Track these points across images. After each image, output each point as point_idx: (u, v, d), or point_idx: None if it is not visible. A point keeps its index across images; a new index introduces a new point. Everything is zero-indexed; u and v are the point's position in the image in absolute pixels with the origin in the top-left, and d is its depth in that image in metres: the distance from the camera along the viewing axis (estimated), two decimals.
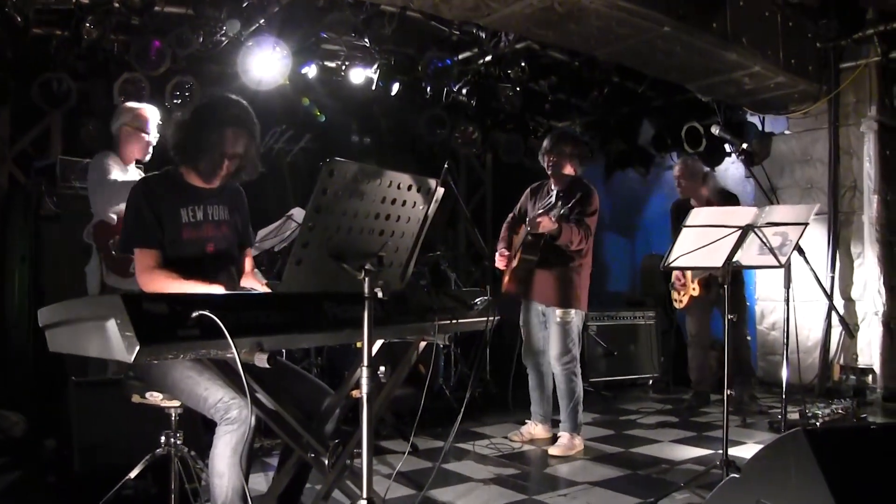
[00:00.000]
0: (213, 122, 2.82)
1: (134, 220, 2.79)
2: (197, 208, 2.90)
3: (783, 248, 3.69)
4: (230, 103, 2.89)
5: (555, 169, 4.92)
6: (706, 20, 5.70)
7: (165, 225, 2.81)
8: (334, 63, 6.64)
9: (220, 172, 2.88)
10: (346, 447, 2.53)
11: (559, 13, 5.11)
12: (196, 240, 2.88)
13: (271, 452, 4.41)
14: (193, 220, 2.88)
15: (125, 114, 4.39)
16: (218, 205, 2.98)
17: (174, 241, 2.82)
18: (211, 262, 2.91)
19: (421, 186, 2.35)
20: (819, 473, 1.92)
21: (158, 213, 2.79)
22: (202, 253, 2.89)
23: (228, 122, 2.83)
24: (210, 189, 2.96)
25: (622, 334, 7.24)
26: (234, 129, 2.83)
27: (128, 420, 3.52)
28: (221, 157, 2.84)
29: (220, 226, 2.97)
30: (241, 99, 2.92)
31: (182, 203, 2.86)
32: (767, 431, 5.22)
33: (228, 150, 2.84)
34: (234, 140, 2.83)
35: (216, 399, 2.52)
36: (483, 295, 2.98)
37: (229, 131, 2.82)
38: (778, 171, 7.26)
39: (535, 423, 5.12)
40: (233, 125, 2.83)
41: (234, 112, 2.86)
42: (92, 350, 1.96)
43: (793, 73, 6.51)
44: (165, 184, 2.90)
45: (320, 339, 2.60)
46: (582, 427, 4.91)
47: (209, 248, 2.92)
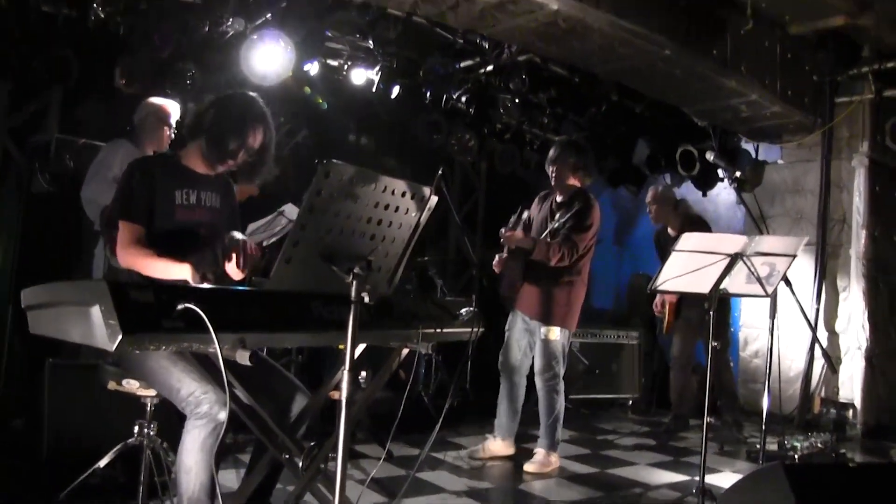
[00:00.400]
0: (243, 112, 2.92)
1: (123, 193, 2.81)
2: (191, 192, 2.92)
3: (770, 278, 3.71)
4: (256, 101, 2.98)
5: (557, 179, 4.82)
6: (707, 46, 5.74)
7: (158, 204, 2.81)
8: (337, 62, 6.62)
9: (229, 162, 2.93)
10: (322, 450, 2.52)
11: (563, 29, 5.13)
12: (188, 222, 2.89)
13: (245, 448, 4.37)
14: (187, 203, 2.90)
15: (150, 106, 4.49)
16: (211, 191, 3.00)
17: (167, 222, 2.83)
18: (199, 244, 2.92)
19: (415, 194, 2.35)
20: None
21: (151, 192, 2.80)
22: (193, 235, 2.90)
23: (257, 116, 2.93)
24: (205, 175, 2.98)
25: (605, 352, 7.24)
26: (260, 124, 2.93)
27: (102, 407, 3.51)
28: (240, 148, 2.89)
29: (212, 212, 2.99)
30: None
31: (177, 185, 2.88)
32: (745, 461, 5.22)
33: (249, 143, 2.90)
34: (257, 135, 2.92)
35: (188, 392, 2.51)
36: (469, 305, 2.97)
37: (256, 124, 2.92)
38: (769, 199, 7.31)
39: (496, 438, 4.96)
40: (260, 121, 2.93)
41: (260, 109, 2.95)
42: (74, 335, 1.94)
43: (789, 104, 6.56)
44: (162, 165, 2.93)
45: (304, 340, 2.59)
46: (559, 445, 4.86)
47: (200, 230, 2.93)
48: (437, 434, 3.42)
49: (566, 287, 4.74)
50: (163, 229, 2.81)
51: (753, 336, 7.18)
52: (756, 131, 7.16)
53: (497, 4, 4.86)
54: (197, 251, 2.87)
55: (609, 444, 5.64)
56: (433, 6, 4.90)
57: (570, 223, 4.68)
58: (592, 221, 4.72)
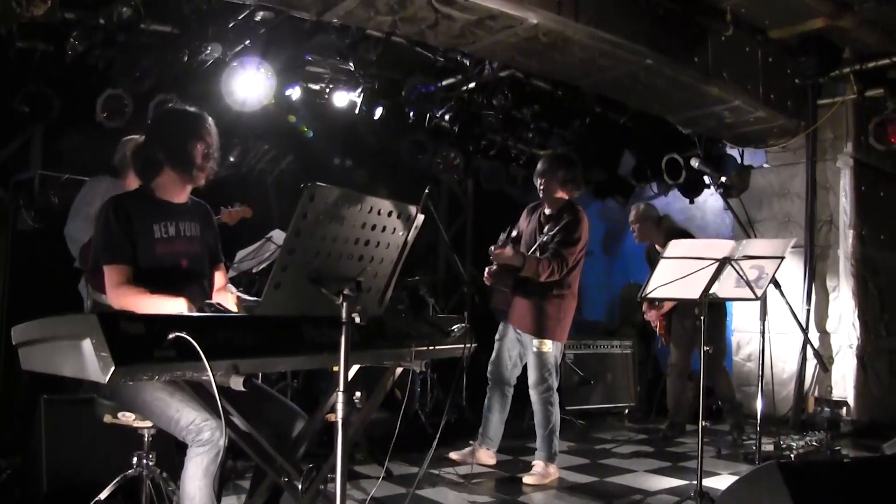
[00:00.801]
0: (186, 120, 2.95)
1: (103, 236, 2.78)
2: (169, 224, 2.90)
3: (759, 281, 3.74)
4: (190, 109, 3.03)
5: (545, 193, 4.83)
6: (688, 55, 5.81)
7: (138, 241, 2.79)
8: (318, 85, 6.65)
9: (206, 166, 2.93)
10: (320, 472, 2.52)
11: (543, 43, 5.18)
12: (169, 255, 2.88)
13: (244, 475, 4.36)
14: (166, 236, 2.88)
15: (126, 144, 4.47)
16: (189, 221, 2.99)
17: (148, 257, 2.81)
18: (184, 276, 2.91)
19: (401, 213, 2.36)
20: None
21: (129, 230, 2.78)
22: (176, 268, 2.89)
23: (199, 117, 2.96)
24: (181, 205, 2.98)
25: (599, 363, 7.24)
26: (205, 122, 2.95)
27: (99, 440, 3.49)
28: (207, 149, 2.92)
29: (192, 241, 2.97)
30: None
31: (154, 219, 2.86)
32: (742, 463, 5.25)
33: (210, 142, 2.93)
34: (209, 134, 2.94)
35: (188, 421, 2.51)
36: (461, 322, 2.98)
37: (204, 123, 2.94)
38: (756, 203, 7.36)
39: (479, 446, 4.97)
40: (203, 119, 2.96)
41: (199, 112, 2.99)
42: (66, 370, 1.93)
43: (772, 108, 6.63)
44: (136, 201, 2.91)
45: (297, 363, 2.58)
46: (557, 456, 4.86)
47: (182, 262, 2.91)
48: (435, 451, 3.43)
49: (557, 300, 4.77)
50: (145, 265, 2.79)
51: (746, 340, 7.21)
52: (741, 137, 7.22)
53: (476, 21, 4.91)
54: (182, 282, 2.86)
55: (607, 453, 5.64)
56: (412, 25, 4.95)
57: (559, 237, 4.69)
58: (581, 234, 4.74)
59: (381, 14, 4.78)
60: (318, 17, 4.85)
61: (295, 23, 5.44)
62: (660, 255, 5.34)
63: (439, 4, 4.65)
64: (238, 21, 5.36)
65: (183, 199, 3.00)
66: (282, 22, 5.41)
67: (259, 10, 5.21)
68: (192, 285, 2.93)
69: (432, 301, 6.53)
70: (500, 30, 5.02)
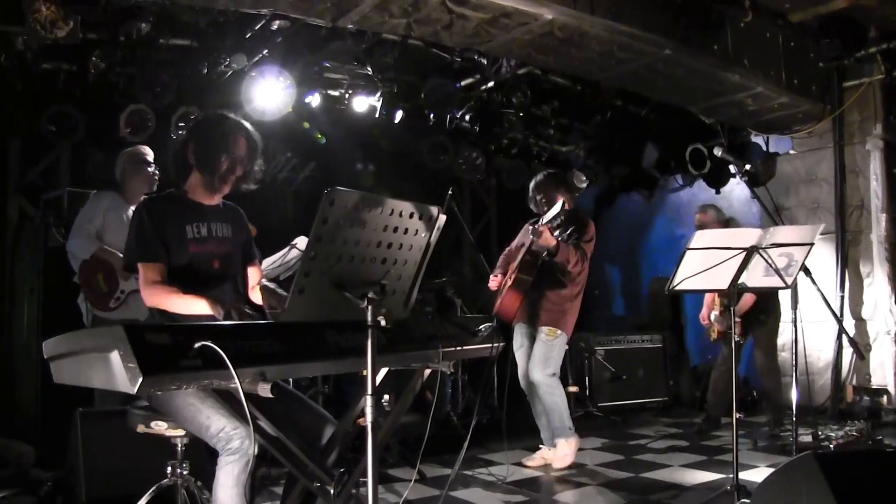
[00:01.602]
0: (220, 129, 2.97)
1: (136, 236, 2.85)
2: (201, 225, 2.95)
3: (789, 269, 3.68)
4: (228, 115, 3.06)
5: (548, 203, 4.90)
6: (707, 42, 5.73)
7: (171, 241, 2.85)
8: (337, 91, 6.68)
9: (230, 178, 2.97)
10: (352, 476, 2.52)
11: (559, 38, 5.15)
12: (202, 255, 2.92)
13: (278, 481, 4.38)
14: (198, 236, 2.92)
15: (122, 156, 4.69)
16: (221, 222, 3.03)
17: (181, 257, 2.86)
18: (216, 276, 2.95)
19: (423, 214, 2.35)
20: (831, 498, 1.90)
21: (162, 231, 2.84)
22: (208, 267, 2.93)
23: (234, 127, 2.98)
24: (213, 206, 3.03)
25: (630, 358, 7.20)
26: (240, 132, 2.98)
27: (134, 450, 3.52)
28: (234, 161, 2.94)
29: (225, 242, 3.01)
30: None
31: (187, 220, 2.91)
32: (780, 454, 5.16)
33: (239, 154, 2.95)
34: (242, 143, 2.97)
35: (218, 428, 2.53)
36: (488, 321, 2.97)
37: (237, 134, 2.96)
38: (783, 191, 7.26)
39: (546, 448, 5.09)
40: (239, 129, 2.98)
41: (235, 120, 3.02)
42: (96, 381, 1.96)
43: (796, 93, 6.53)
44: (169, 202, 2.96)
45: (323, 368, 2.60)
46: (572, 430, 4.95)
47: (215, 263, 2.96)
48: (467, 452, 3.42)
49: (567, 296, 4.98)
50: (179, 265, 2.85)
51: (780, 329, 7.09)
52: (764, 124, 7.12)
53: (490, 20, 4.89)
54: (214, 282, 2.91)
55: (642, 449, 5.59)
56: (427, 27, 4.94)
57: (577, 235, 4.85)
58: (592, 235, 4.95)
59: (395, 17, 4.78)
60: (333, 24, 4.87)
61: (311, 30, 5.47)
62: None
63: (453, 4, 4.64)
64: (255, 31, 5.39)
65: (215, 202, 3.05)
66: (298, 30, 5.44)
67: (275, 19, 5.24)
68: (224, 284, 2.97)
69: (459, 302, 6.51)
70: (515, 27, 4.99)
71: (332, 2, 4.56)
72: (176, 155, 3.01)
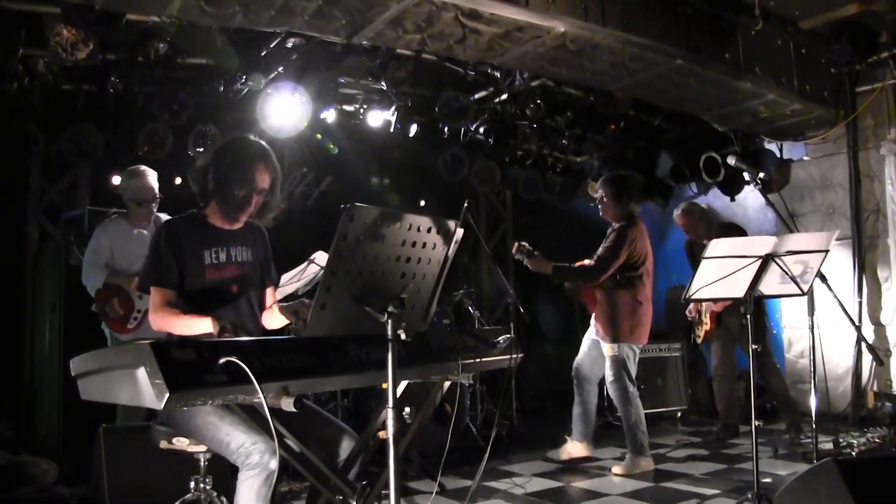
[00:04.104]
0: (240, 159, 2.95)
1: (152, 260, 2.89)
2: (220, 250, 2.97)
3: (805, 276, 3.68)
4: (252, 142, 3.03)
5: (603, 214, 5.32)
6: (718, 51, 5.75)
7: (188, 266, 2.87)
8: (352, 107, 6.74)
9: (247, 209, 2.97)
10: (374, 489, 2.54)
11: (571, 51, 5.18)
12: (220, 280, 2.94)
13: (300, 495, 4.41)
14: (217, 262, 2.95)
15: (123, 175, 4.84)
16: (241, 246, 3.05)
17: (197, 282, 2.89)
18: (233, 300, 2.98)
19: (440, 228, 2.38)
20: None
21: (180, 255, 2.86)
22: (225, 292, 2.96)
23: (256, 158, 2.95)
24: (233, 230, 3.04)
25: (648, 367, 7.16)
26: (261, 163, 2.95)
27: (158, 465, 3.56)
28: (251, 193, 2.94)
29: (244, 266, 3.03)
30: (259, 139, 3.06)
31: (205, 245, 2.94)
32: (801, 462, 5.13)
33: (258, 185, 2.94)
34: (262, 175, 2.95)
35: (238, 444, 2.56)
36: (506, 333, 2.99)
37: (257, 166, 2.94)
38: (798, 197, 7.24)
39: (572, 440, 5.28)
40: (260, 160, 2.96)
41: (258, 149, 2.99)
42: (123, 398, 1.99)
43: (808, 100, 6.52)
44: (189, 226, 2.97)
45: (345, 382, 2.62)
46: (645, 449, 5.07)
47: (232, 287, 2.98)
48: (488, 464, 3.43)
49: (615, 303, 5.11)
50: (195, 289, 2.88)
51: (797, 336, 7.07)
52: (777, 131, 7.11)
53: (503, 34, 4.93)
54: (230, 306, 2.94)
55: (662, 458, 5.57)
56: (440, 42, 4.99)
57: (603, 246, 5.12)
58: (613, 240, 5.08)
59: (409, 33, 4.83)
60: (348, 40, 4.92)
61: (326, 47, 5.53)
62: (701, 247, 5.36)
63: (466, 20, 4.68)
64: (270, 49, 5.46)
65: (236, 226, 3.05)
66: (313, 47, 5.50)
67: (290, 36, 5.30)
68: (240, 308, 3.00)
69: (477, 314, 6.53)
70: (528, 40, 5.03)
71: (347, 19, 4.60)
72: (199, 178, 3.01)
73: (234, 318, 2.88)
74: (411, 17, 4.62)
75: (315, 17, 4.54)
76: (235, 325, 2.59)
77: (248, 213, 3.00)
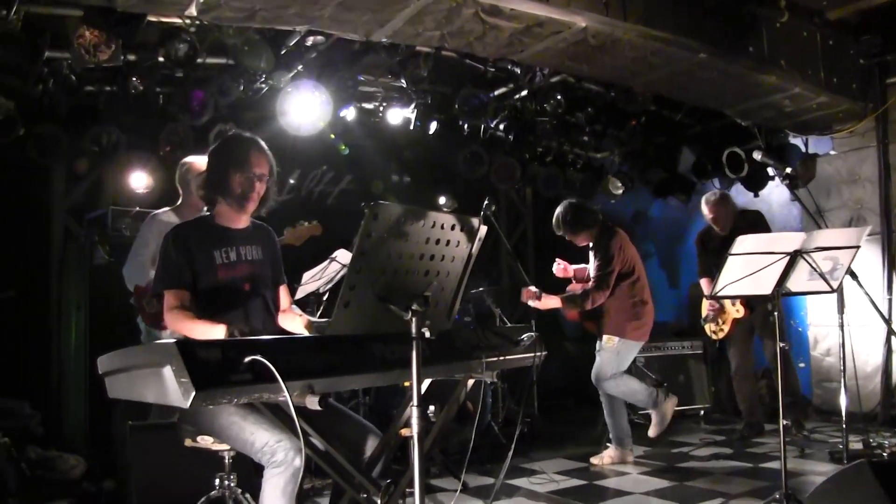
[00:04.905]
0: (233, 149, 3.02)
1: (162, 264, 2.92)
2: (230, 249, 2.99)
3: (834, 273, 3.62)
4: (242, 134, 3.13)
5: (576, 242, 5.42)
6: (742, 45, 5.67)
7: (199, 268, 2.90)
8: (372, 105, 6.74)
9: (251, 196, 2.99)
10: (398, 487, 2.53)
11: (592, 46, 5.13)
12: (231, 280, 2.96)
13: (322, 492, 4.42)
14: (227, 261, 2.97)
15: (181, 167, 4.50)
16: (250, 245, 3.07)
17: (210, 283, 2.91)
18: (247, 299, 2.99)
19: (464, 226, 2.37)
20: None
21: (190, 258, 2.89)
22: (238, 291, 2.97)
23: (247, 145, 3.02)
24: (241, 230, 3.07)
25: (670, 365, 7.12)
26: (254, 149, 3.01)
27: (184, 462, 3.57)
28: (251, 179, 2.97)
29: (254, 265, 3.05)
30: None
31: (215, 246, 2.96)
32: (828, 462, 5.05)
33: (255, 171, 2.98)
34: (258, 159, 3.00)
35: (262, 443, 2.56)
36: (529, 331, 2.97)
37: (251, 152, 3.00)
38: (824, 192, 7.13)
39: (613, 448, 5.34)
40: (253, 146, 3.02)
41: (249, 138, 3.06)
42: (149, 396, 2.00)
43: (835, 93, 6.41)
44: (197, 229, 3.01)
45: (369, 381, 2.62)
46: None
47: (245, 287, 3.00)
48: (510, 461, 3.42)
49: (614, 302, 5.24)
50: (208, 290, 2.89)
51: (823, 334, 6.97)
52: (803, 125, 7.00)
53: (523, 29, 4.89)
54: (245, 305, 2.96)
55: (685, 457, 5.53)
56: (460, 38, 4.96)
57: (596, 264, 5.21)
58: (612, 250, 5.17)
59: (428, 30, 4.81)
60: (367, 38, 4.91)
61: (345, 45, 5.52)
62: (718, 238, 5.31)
63: (486, 16, 4.65)
64: (290, 48, 5.46)
65: (243, 224, 3.09)
66: (332, 45, 5.50)
67: (309, 35, 5.30)
68: (255, 307, 3.01)
69: (498, 311, 6.50)
70: (549, 36, 4.99)
71: (367, 17, 4.59)
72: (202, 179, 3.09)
73: (250, 318, 2.93)
74: (431, 13, 4.60)
75: (334, 15, 4.53)
76: (247, 334, 2.56)
77: (255, 201, 3.02)
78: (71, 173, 6.34)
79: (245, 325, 2.76)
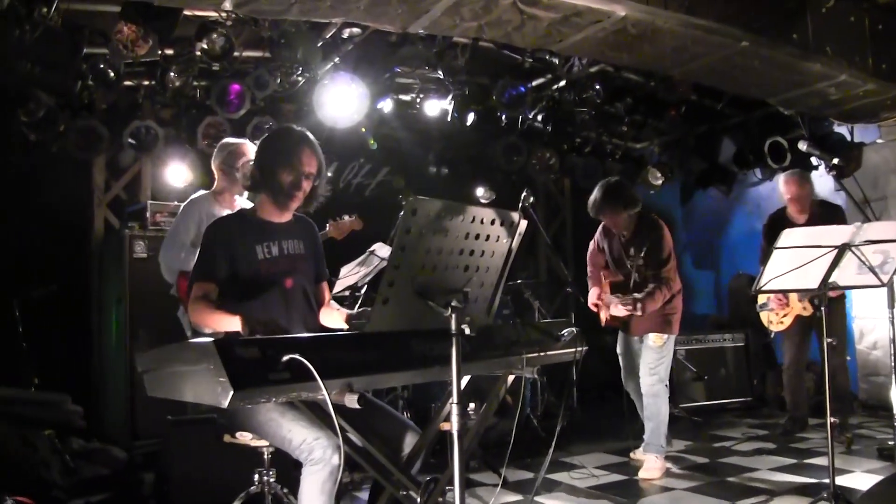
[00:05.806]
0: (284, 145, 2.96)
1: (202, 256, 2.90)
2: (272, 244, 2.97)
3: (885, 266, 3.51)
4: (294, 129, 3.04)
5: (616, 226, 5.04)
6: (785, 32, 5.52)
7: (240, 262, 2.88)
8: (409, 96, 6.71)
9: (297, 194, 2.96)
10: (438, 484, 2.51)
11: (632, 35, 5.03)
12: (273, 274, 2.94)
13: (361, 486, 4.42)
14: (269, 256, 2.95)
15: (219, 151, 4.36)
16: (292, 239, 3.04)
17: (252, 277, 2.89)
18: (289, 293, 2.97)
19: (504, 220, 2.33)
20: None
21: (231, 252, 2.87)
22: (280, 286, 2.95)
23: (300, 142, 2.96)
24: (283, 224, 3.04)
25: (711, 358, 7.01)
26: (305, 147, 2.96)
27: (223, 457, 3.60)
28: (299, 178, 2.94)
29: (296, 260, 3.03)
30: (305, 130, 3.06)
31: (257, 240, 2.94)
32: (877, 459, 4.89)
33: (305, 170, 2.94)
34: (308, 158, 2.95)
35: (301, 440, 2.55)
36: (569, 325, 2.93)
37: (302, 150, 2.94)
38: (871, 182, 6.94)
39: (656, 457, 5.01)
40: (304, 144, 2.96)
41: (301, 134, 3.00)
42: (188, 395, 2.00)
43: (884, 79, 6.20)
44: (239, 223, 2.99)
45: (409, 378, 2.60)
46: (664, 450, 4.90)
47: (287, 282, 2.97)
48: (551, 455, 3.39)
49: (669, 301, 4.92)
50: (250, 284, 2.87)
51: (869, 327, 6.79)
52: (849, 113, 6.80)
53: (562, 19, 4.81)
54: (287, 299, 2.94)
55: (727, 451, 5.43)
56: (497, 29, 4.90)
57: (654, 261, 4.87)
58: (668, 247, 4.93)
59: (466, 21, 4.75)
60: (404, 29, 4.87)
61: (381, 36, 5.50)
62: (790, 223, 5.09)
63: (524, 6, 4.58)
64: (326, 40, 5.46)
65: (286, 219, 3.06)
66: (369, 37, 5.48)
67: (346, 27, 5.29)
68: (296, 302, 2.99)
69: (537, 304, 6.46)
70: (587, 25, 4.90)
71: (403, 8, 4.56)
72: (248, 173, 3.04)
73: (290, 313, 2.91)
74: (468, 4, 4.54)
75: (371, 6, 4.50)
76: (268, 325, 2.47)
77: (299, 200, 2.99)
78: (111, 168, 6.42)
79: (279, 318, 2.74)
